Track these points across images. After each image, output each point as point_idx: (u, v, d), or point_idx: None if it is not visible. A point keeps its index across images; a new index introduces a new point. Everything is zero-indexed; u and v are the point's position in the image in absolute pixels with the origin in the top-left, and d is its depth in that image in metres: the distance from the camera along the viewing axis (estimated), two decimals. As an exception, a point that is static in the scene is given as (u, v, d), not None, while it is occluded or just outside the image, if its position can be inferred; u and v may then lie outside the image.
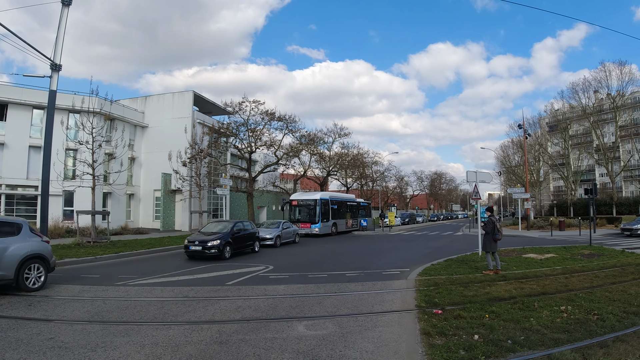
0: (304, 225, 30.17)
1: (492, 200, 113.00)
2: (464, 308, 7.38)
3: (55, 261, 10.70)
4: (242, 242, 18.23)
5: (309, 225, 30.29)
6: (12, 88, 29.37)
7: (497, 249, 12.12)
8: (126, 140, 31.36)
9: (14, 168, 28.52)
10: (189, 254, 16.47)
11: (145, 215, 36.44)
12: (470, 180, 16.46)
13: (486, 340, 5.60)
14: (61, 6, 17.38)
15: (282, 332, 6.35)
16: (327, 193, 35.69)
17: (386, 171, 70.56)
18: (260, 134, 35.78)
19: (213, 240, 16.31)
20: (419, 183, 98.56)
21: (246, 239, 18.62)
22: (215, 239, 16.39)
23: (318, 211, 30.53)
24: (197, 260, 16.04)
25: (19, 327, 6.65)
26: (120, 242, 21.03)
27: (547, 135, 58.05)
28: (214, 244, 16.15)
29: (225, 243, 16.57)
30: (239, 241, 17.89)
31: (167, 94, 38.50)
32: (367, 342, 5.87)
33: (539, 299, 8.02)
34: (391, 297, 8.89)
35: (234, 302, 8.58)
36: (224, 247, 16.41)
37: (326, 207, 31.62)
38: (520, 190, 36.26)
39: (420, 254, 17.68)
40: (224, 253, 16.33)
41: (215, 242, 16.22)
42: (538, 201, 59.84)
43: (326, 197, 32.41)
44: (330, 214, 32.06)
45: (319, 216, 30.47)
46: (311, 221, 30.52)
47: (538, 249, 17.73)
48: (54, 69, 17.10)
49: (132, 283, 10.91)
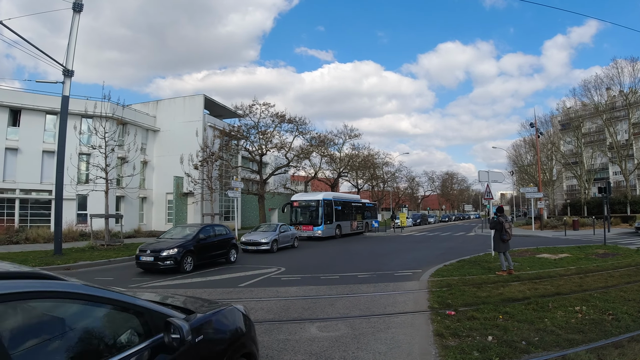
0: (306, 228, 28.70)
1: (505, 200, 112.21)
2: (477, 309, 7.33)
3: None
4: (211, 250, 15.09)
5: (311, 227, 28.68)
6: (25, 94, 29.81)
7: (508, 249, 12.00)
8: (138, 144, 31.63)
9: (28, 173, 28.94)
10: (140, 265, 13.53)
11: (158, 218, 36.75)
12: (482, 180, 16.36)
13: (500, 342, 5.57)
14: (72, 13, 17.60)
15: (294, 334, 6.37)
16: (330, 193, 33.49)
17: (397, 172, 70.39)
18: (270, 137, 35.94)
19: (169, 249, 13.27)
20: (431, 183, 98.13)
21: (217, 246, 15.43)
22: (173, 247, 13.42)
23: (321, 212, 28.78)
24: (151, 273, 13.21)
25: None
26: (134, 244, 21.12)
27: (560, 134, 57.44)
28: (169, 254, 13.14)
29: (185, 252, 13.52)
30: (207, 250, 14.79)
31: (178, 98, 38.87)
32: (380, 343, 5.86)
33: (553, 299, 7.95)
34: (403, 299, 8.86)
35: (246, 303, 8.54)
36: (183, 258, 13.35)
37: (329, 208, 29.88)
38: (533, 189, 35.91)
39: (433, 255, 17.58)
40: (182, 265, 13.32)
41: (172, 251, 13.24)
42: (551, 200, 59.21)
43: (329, 198, 30.54)
44: (333, 215, 30.25)
45: (321, 218, 28.72)
46: (313, 223, 28.81)
47: (552, 249, 17.56)
48: (66, 75, 17.31)
49: (145, 285, 11.03)
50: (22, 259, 15.42)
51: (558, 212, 55.18)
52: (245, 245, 19.68)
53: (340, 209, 31.58)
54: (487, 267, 12.79)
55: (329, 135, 47.69)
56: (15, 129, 29.33)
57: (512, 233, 12.34)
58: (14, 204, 28.73)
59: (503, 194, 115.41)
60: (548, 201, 55.24)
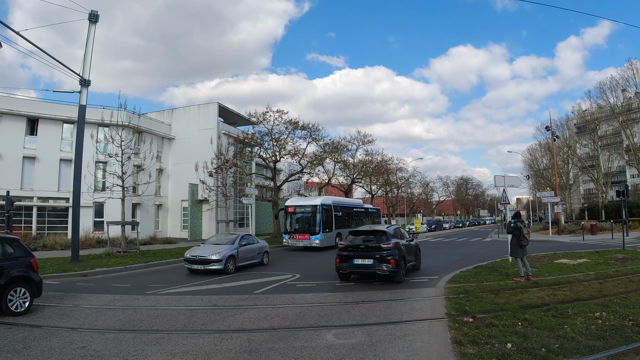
0: (302, 237, 25.92)
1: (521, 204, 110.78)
2: (495, 316, 7.26)
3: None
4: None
5: (307, 236, 25.75)
6: (42, 103, 30.39)
7: (525, 254, 11.87)
8: (154, 152, 31.93)
9: (45, 181, 29.40)
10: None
11: (173, 225, 37.04)
12: (498, 184, 16.20)
13: (519, 349, 5.51)
14: (88, 23, 17.89)
15: (311, 341, 6.37)
16: (329, 198, 30.66)
17: (411, 177, 70.02)
18: (284, 143, 35.99)
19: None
20: (445, 189, 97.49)
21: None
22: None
23: (319, 219, 25.85)
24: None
25: (52, 335, 6.84)
26: (150, 251, 21.38)
27: (576, 137, 56.71)
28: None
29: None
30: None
31: (192, 106, 39.27)
32: (398, 351, 5.83)
33: (572, 305, 7.85)
34: (420, 306, 8.81)
35: (262, 310, 8.63)
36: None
37: (328, 214, 27.02)
38: (549, 194, 35.52)
39: (449, 261, 17.44)
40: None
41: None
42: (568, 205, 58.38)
43: (328, 203, 27.72)
44: (333, 222, 27.28)
45: (319, 225, 25.75)
46: (310, 231, 25.84)
47: (570, 254, 17.32)
48: (83, 84, 17.58)
49: (162, 292, 11.10)
50: (40, 266, 15.54)
51: (575, 217, 54.40)
52: (189, 264, 15.13)
53: (341, 215, 28.87)
54: (504, 273, 12.67)
55: (342, 142, 47.64)
56: (33, 137, 29.84)
57: (530, 238, 12.21)
58: (31, 212, 29.18)
59: (519, 198, 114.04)
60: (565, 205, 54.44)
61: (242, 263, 16.08)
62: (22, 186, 28.71)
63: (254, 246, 17.33)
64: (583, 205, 60.30)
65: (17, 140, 29.02)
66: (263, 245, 18.11)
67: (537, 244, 23.21)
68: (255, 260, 17.16)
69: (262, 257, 17.68)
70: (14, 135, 28.86)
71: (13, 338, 6.65)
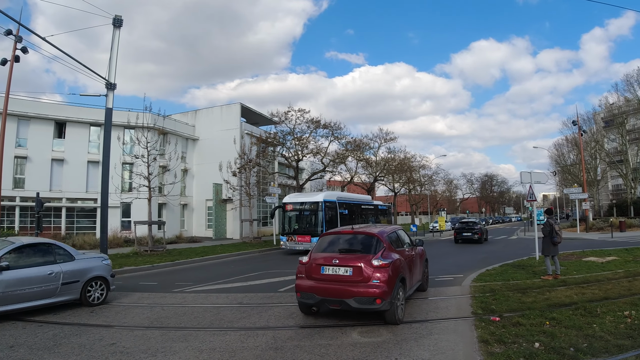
0: (302, 239, 22.40)
1: (547, 201, 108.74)
2: (522, 315, 7.20)
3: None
4: None
5: (308, 238, 22.12)
6: (69, 107, 31.12)
7: (557, 252, 11.70)
8: (179, 152, 32.42)
9: (73, 182, 30.18)
10: None
11: (198, 224, 37.55)
12: (525, 181, 15.95)
13: (547, 348, 5.47)
14: (112, 28, 18.26)
15: (336, 339, 6.42)
16: (333, 193, 27.12)
17: (434, 175, 69.44)
18: (306, 142, 36.06)
19: None
20: (469, 186, 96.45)
21: None
22: None
23: (321, 218, 22.59)
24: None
25: (82, 333, 7.03)
26: (176, 250, 21.72)
27: (603, 131, 55.33)
28: None
29: None
30: None
31: (215, 107, 39.79)
32: (423, 349, 5.83)
33: (601, 304, 7.73)
34: (445, 304, 8.78)
35: (287, 308, 8.71)
36: None
37: (333, 211, 23.90)
38: (577, 190, 34.74)
39: (474, 260, 17.27)
40: None
41: None
42: (596, 201, 57.09)
43: (332, 199, 24.38)
44: (338, 221, 23.85)
45: (322, 225, 22.33)
46: (312, 232, 22.34)
47: (598, 252, 17.01)
48: (109, 88, 17.93)
49: (189, 290, 11.29)
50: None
51: (603, 213, 53.21)
52: None
53: (348, 214, 25.57)
54: (531, 271, 12.52)
55: (365, 139, 47.53)
56: (61, 140, 30.65)
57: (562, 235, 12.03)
58: (60, 212, 29.96)
59: (545, 195, 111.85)
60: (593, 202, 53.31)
61: (24, 304, 7.99)
62: (51, 188, 29.52)
63: (41, 273, 8.31)
64: (611, 201, 58.81)
65: (46, 143, 29.85)
66: (94, 265, 9.43)
67: (565, 242, 22.64)
68: (63, 297, 8.67)
69: (79, 292, 8.92)
70: (43, 139, 29.69)
71: (44, 335, 6.83)
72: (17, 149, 28.79)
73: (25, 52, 17.17)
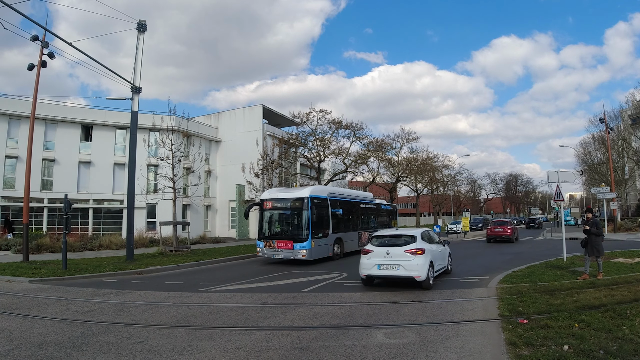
0: (282, 245, 17.77)
1: (574, 201, 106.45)
2: (551, 317, 7.06)
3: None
4: None
5: (290, 244, 17.58)
6: (95, 111, 31.91)
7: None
8: (202, 154, 32.78)
9: (100, 184, 30.94)
10: None
11: (222, 224, 37.97)
12: (552, 180, 15.57)
13: (577, 351, 5.36)
14: (137, 33, 18.61)
15: (361, 340, 6.39)
16: (324, 188, 22.43)
17: (457, 175, 68.73)
18: (328, 143, 36.07)
19: None
20: (493, 186, 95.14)
21: None
22: None
23: (306, 218, 17.70)
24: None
25: (110, 331, 7.14)
26: (200, 250, 21.95)
27: (630, 129, 53.86)
28: None
29: None
30: None
31: (237, 109, 40.24)
32: (450, 351, 5.76)
33: (631, 306, 7.56)
34: (472, 306, 8.66)
35: (311, 309, 8.72)
36: None
37: (322, 210, 18.99)
38: (605, 189, 33.89)
39: (500, 261, 16.99)
40: None
41: None
42: (624, 201, 55.65)
43: (322, 195, 19.33)
44: (330, 222, 19.28)
45: (307, 228, 17.58)
46: (295, 237, 17.71)
47: (627, 253, 16.61)
48: (134, 91, 18.28)
49: (214, 289, 11.38)
50: (97, 264, 16.38)
51: (632, 213, 51.85)
52: None
53: (342, 214, 20.90)
54: (559, 273, 12.26)
55: (387, 140, 47.37)
56: (88, 143, 31.43)
57: None
58: (87, 213, 30.72)
59: (572, 195, 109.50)
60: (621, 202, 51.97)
61: None
62: (78, 189, 30.25)
63: None
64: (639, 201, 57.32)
65: (73, 146, 30.67)
66: None
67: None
68: None
69: None
70: (70, 142, 30.52)
71: (72, 333, 6.95)
72: (45, 152, 29.64)
73: (52, 57, 17.58)
